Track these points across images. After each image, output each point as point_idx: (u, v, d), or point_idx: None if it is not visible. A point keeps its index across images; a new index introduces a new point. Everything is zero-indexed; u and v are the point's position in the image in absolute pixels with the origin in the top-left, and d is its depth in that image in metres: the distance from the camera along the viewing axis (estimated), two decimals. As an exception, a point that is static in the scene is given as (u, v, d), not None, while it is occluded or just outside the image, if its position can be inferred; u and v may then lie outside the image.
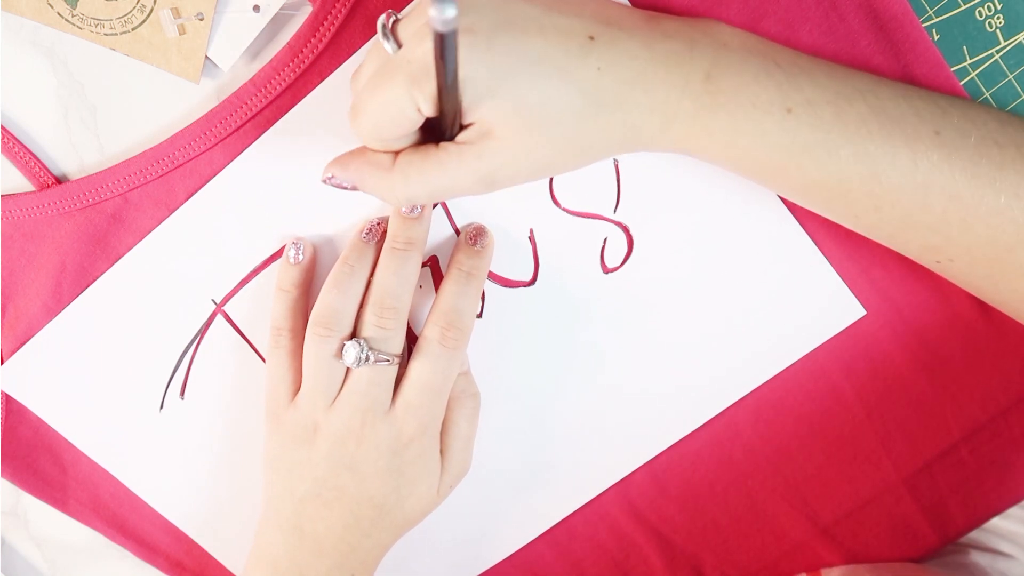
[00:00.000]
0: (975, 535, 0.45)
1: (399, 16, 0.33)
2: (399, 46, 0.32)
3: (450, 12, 0.24)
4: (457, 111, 0.32)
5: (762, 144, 0.33)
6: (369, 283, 0.39)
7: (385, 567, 0.43)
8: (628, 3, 0.36)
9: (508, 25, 0.31)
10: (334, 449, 0.39)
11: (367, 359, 0.38)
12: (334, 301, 0.39)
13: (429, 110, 0.32)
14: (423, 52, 0.30)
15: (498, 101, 0.31)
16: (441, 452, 0.41)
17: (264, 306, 0.42)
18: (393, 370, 0.39)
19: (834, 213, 0.35)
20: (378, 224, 0.40)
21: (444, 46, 0.27)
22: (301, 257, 0.40)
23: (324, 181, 0.36)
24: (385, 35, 0.32)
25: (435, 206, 0.41)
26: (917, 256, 0.36)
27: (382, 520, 0.40)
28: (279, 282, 0.41)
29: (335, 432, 0.39)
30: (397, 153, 0.34)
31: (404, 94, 0.31)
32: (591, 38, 0.32)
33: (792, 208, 0.40)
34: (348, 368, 0.38)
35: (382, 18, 0.33)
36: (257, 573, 0.41)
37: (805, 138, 0.32)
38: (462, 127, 0.33)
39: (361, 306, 0.39)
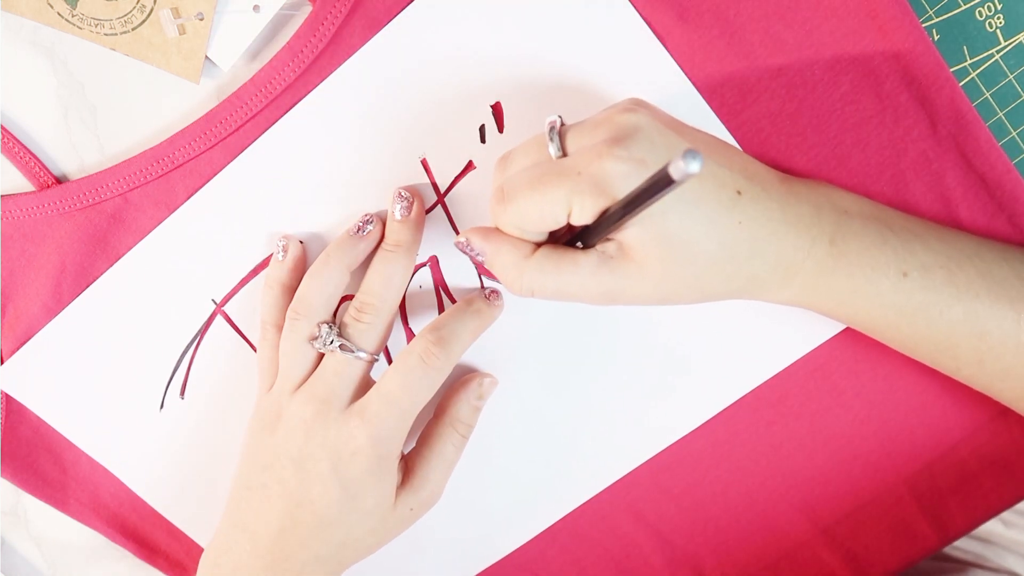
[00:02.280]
0: (979, 550, 0.45)
1: (565, 122, 0.34)
2: (564, 153, 0.33)
3: (694, 168, 0.24)
4: (610, 230, 0.33)
5: (878, 304, 0.35)
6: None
7: (385, 567, 0.43)
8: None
9: None
10: (287, 437, 0.39)
11: (331, 343, 0.38)
12: (307, 290, 0.39)
13: (583, 220, 0.33)
14: (599, 171, 0.31)
15: (647, 228, 0.32)
16: (413, 471, 0.40)
17: (264, 306, 0.42)
18: (360, 366, 0.39)
19: (937, 364, 0.38)
20: (367, 222, 0.40)
21: (656, 189, 0.28)
22: (283, 255, 0.41)
23: (456, 244, 0.37)
24: (552, 138, 0.33)
25: (429, 210, 0.41)
26: (1011, 403, 0.38)
27: (322, 532, 0.39)
28: (267, 279, 0.41)
29: (291, 419, 0.39)
30: (536, 244, 0.35)
31: (563, 201, 0.32)
32: (739, 192, 0.33)
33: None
34: (319, 357, 0.39)
35: (552, 119, 0.34)
36: (203, 566, 0.42)
37: (919, 299, 0.35)
38: (605, 240, 0.34)
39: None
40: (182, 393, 0.44)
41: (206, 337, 0.43)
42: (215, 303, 0.43)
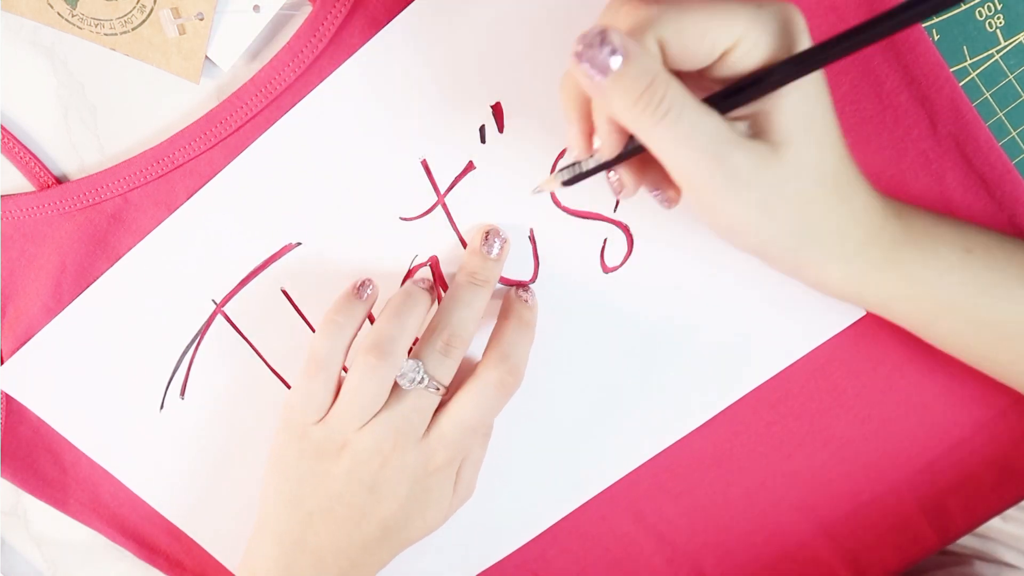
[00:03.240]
0: (978, 545, 0.45)
1: None
2: None
3: None
4: (774, 86, 0.29)
5: (943, 281, 0.34)
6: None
7: (385, 566, 0.43)
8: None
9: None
10: (357, 467, 0.39)
11: (421, 381, 0.37)
12: (392, 328, 0.38)
13: (752, 60, 0.29)
14: (786, 12, 0.29)
15: (798, 107, 0.30)
16: None
17: (264, 306, 0.42)
18: (436, 399, 0.38)
19: (991, 360, 0.37)
20: (425, 279, 0.41)
21: (916, 9, 0.25)
22: (368, 299, 0.40)
23: (579, 49, 0.28)
24: None
25: (429, 210, 0.41)
26: None
27: (387, 540, 0.40)
28: (336, 314, 0.39)
29: (363, 451, 0.38)
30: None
31: (738, 30, 0.28)
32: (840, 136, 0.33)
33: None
34: (393, 391, 0.38)
35: None
36: None
37: (984, 278, 0.34)
38: (735, 119, 0.31)
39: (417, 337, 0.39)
40: (182, 393, 0.44)
41: (206, 337, 0.43)
42: (215, 303, 0.43)
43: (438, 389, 0.38)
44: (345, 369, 0.39)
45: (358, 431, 0.38)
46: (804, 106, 0.30)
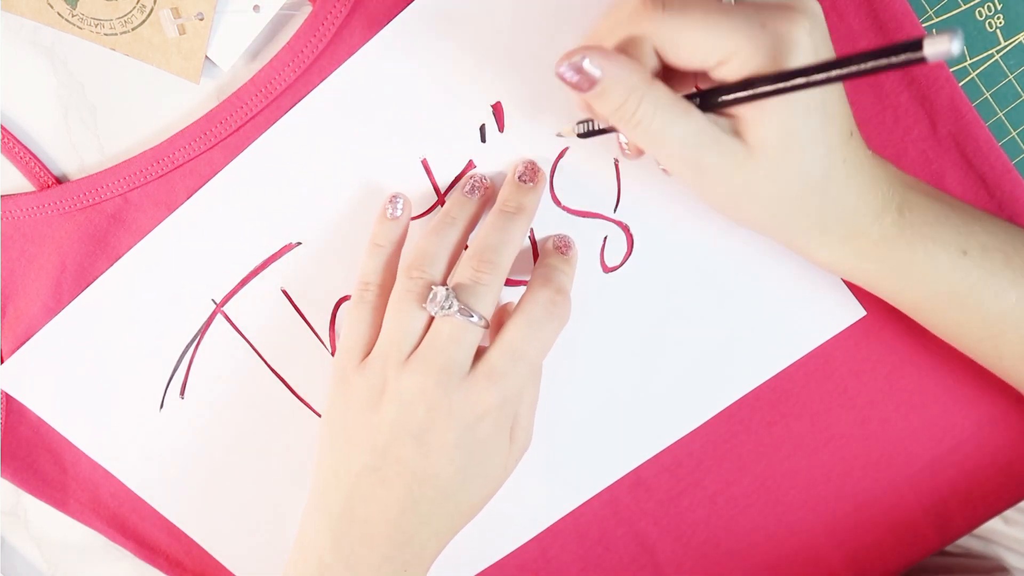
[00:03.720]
0: (979, 547, 0.45)
1: None
2: None
3: (956, 50, 0.21)
4: (748, 100, 0.31)
5: (932, 280, 0.35)
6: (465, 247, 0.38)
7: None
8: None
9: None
10: (401, 414, 0.36)
11: (451, 307, 0.35)
12: (430, 244, 0.37)
13: (732, 76, 0.31)
14: (785, 34, 0.30)
15: (778, 116, 0.31)
16: None
17: (264, 306, 0.42)
18: (477, 332, 0.36)
19: (978, 352, 0.37)
20: (480, 179, 0.39)
21: (872, 66, 0.25)
22: (399, 212, 0.39)
23: (561, 69, 0.31)
24: None
25: (429, 210, 0.41)
26: None
27: (443, 504, 0.37)
28: (374, 237, 0.39)
29: (404, 393, 0.36)
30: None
31: (731, 44, 0.30)
32: (851, 133, 0.33)
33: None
34: (430, 321, 0.36)
35: None
36: (301, 567, 0.38)
37: (975, 279, 0.34)
38: (720, 113, 0.32)
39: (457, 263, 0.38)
40: (182, 393, 0.44)
41: (206, 337, 0.43)
42: (215, 303, 0.43)
43: (473, 318, 0.35)
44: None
45: (398, 370, 0.36)
46: (788, 119, 0.31)
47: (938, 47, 0.21)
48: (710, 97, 0.32)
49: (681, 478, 0.45)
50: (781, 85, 0.29)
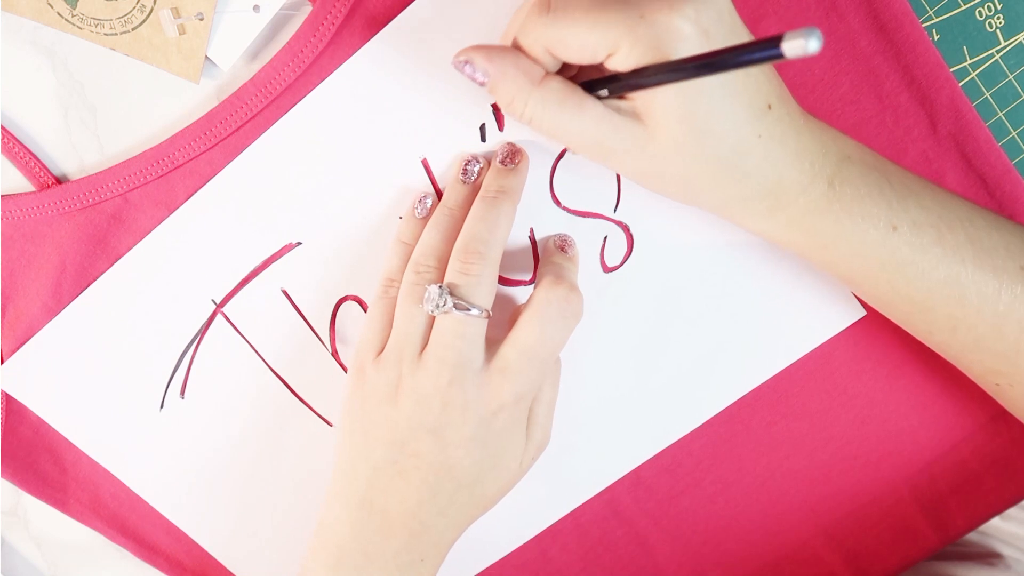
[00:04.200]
0: (977, 541, 0.45)
1: None
2: None
3: (814, 48, 0.22)
4: (639, 87, 0.31)
5: (861, 254, 0.34)
6: None
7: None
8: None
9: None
10: (417, 409, 0.36)
11: (446, 304, 0.35)
12: (430, 240, 0.37)
13: (621, 68, 0.31)
14: (664, 24, 0.30)
15: (675, 100, 0.31)
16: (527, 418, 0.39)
17: (264, 306, 0.42)
18: (480, 324, 0.36)
19: (910, 326, 0.37)
20: (474, 161, 0.39)
21: (738, 60, 0.25)
22: (426, 212, 0.39)
23: (455, 64, 0.34)
24: None
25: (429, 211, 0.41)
26: (979, 377, 0.38)
27: (459, 496, 0.38)
28: (399, 235, 0.40)
29: (420, 389, 0.36)
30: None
31: (613, 39, 0.31)
32: (769, 107, 0.32)
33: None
34: (435, 323, 0.36)
35: None
36: (321, 555, 0.39)
37: (903, 256, 0.34)
38: (621, 96, 0.33)
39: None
40: (182, 393, 0.44)
41: (206, 337, 0.43)
42: (215, 303, 0.43)
43: (472, 311, 0.35)
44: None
45: (412, 367, 0.37)
46: (684, 101, 0.31)
47: (795, 44, 0.22)
48: (595, 87, 0.33)
49: (681, 478, 0.45)
50: (642, 80, 0.30)
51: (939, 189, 0.36)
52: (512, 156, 0.39)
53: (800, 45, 0.22)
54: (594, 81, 0.33)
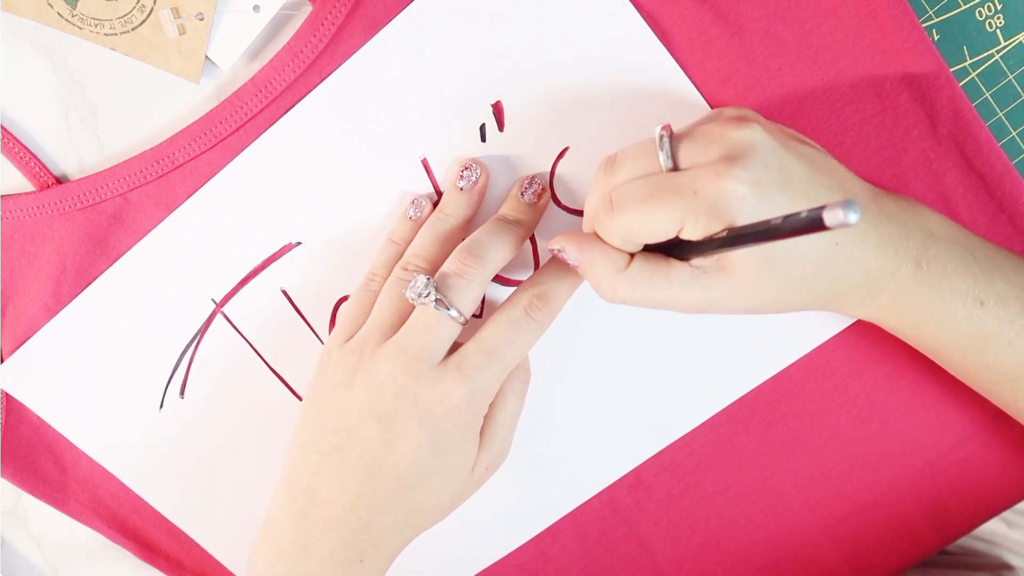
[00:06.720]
0: (983, 550, 0.45)
1: (674, 131, 0.34)
2: (674, 165, 0.33)
3: (853, 219, 0.23)
4: (718, 252, 0.33)
5: (950, 330, 0.36)
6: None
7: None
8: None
9: (787, 185, 0.32)
10: (369, 394, 0.36)
11: (428, 295, 0.35)
12: (423, 240, 0.38)
13: (694, 238, 0.33)
14: (717, 193, 0.31)
15: (754, 250, 0.33)
16: (483, 429, 0.38)
17: (264, 306, 0.42)
18: (454, 326, 0.36)
19: (994, 396, 0.38)
20: (472, 168, 0.39)
21: (797, 229, 0.26)
22: (418, 215, 0.40)
23: (550, 250, 0.36)
24: (662, 147, 0.33)
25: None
26: None
27: (402, 495, 0.37)
28: (391, 234, 0.40)
29: (375, 375, 0.36)
30: (631, 255, 0.35)
31: (677, 219, 0.32)
32: None
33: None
34: (408, 313, 0.37)
35: (660, 131, 0.33)
36: (261, 546, 0.39)
37: (991, 329, 0.35)
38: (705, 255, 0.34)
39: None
40: (182, 393, 0.44)
41: (206, 337, 0.43)
42: (215, 303, 0.43)
43: (451, 312, 0.36)
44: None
45: (372, 355, 0.37)
46: (754, 253, 0.33)
47: (835, 217, 0.24)
48: (684, 248, 0.34)
49: (681, 478, 0.45)
50: (713, 247, 0.32)
51: (1018, 258, 0.37)
52: (538, 195, 0.40)
53: (839, 217, 0.23)
54: (682, 242, 0.34)
